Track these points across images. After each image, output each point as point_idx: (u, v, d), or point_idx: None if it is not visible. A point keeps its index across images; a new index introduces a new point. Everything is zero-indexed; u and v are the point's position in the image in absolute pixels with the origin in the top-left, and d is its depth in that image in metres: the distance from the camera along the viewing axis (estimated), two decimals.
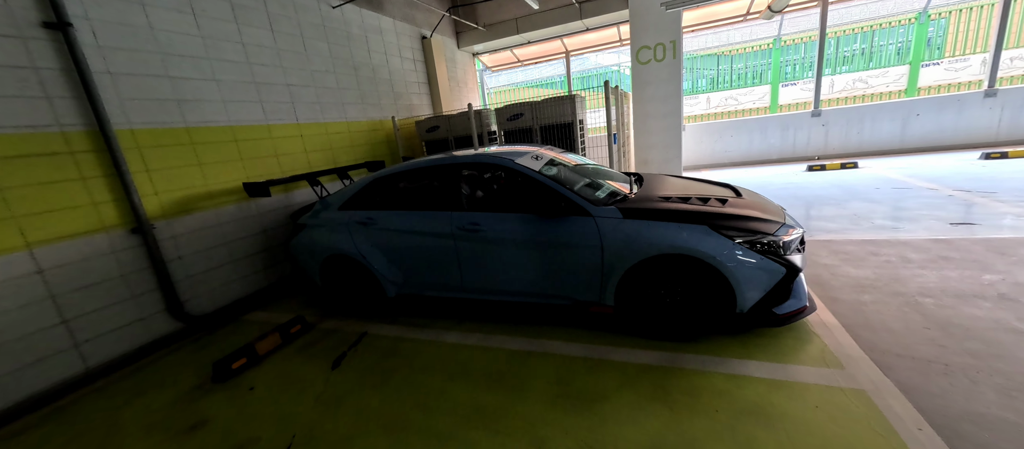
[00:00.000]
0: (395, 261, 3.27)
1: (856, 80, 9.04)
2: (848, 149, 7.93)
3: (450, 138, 6.41)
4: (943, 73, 8.40)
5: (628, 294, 2.58)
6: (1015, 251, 3.10)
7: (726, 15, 8.32)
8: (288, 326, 3.29)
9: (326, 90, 5.20)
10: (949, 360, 2.06)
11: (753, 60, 9.98)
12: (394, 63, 6.61)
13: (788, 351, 2.29)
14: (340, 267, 3.46)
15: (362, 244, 3.30)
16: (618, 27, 8.43)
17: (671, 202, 2.67)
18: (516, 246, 2.81)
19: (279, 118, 4.54)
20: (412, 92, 7.13)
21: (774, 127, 8.29)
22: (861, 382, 1.97)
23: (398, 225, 3.20)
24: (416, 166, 3.32)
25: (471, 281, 3.05)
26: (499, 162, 2.99)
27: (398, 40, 6.73)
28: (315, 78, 5.03)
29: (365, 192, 3.41)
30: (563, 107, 5.65)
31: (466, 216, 2.96)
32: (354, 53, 5.72)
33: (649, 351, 2.46)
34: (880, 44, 9.21)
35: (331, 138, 5.26)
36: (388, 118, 6.40)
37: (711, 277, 2.35)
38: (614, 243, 2.52)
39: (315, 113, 5.02)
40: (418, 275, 3.24)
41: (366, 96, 5.94)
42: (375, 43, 6.16)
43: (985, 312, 2.40)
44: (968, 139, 7.21)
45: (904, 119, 7.49)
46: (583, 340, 2.68)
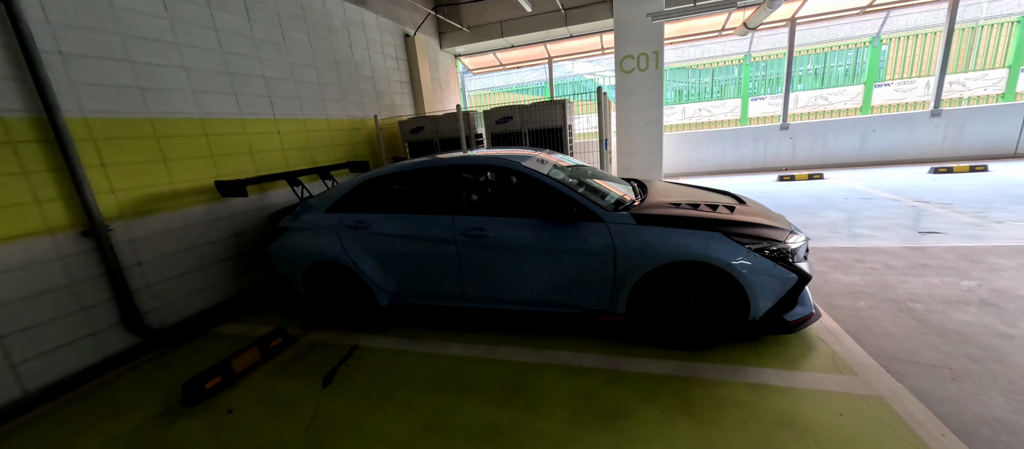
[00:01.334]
0: (389, 268, 3.05)
1: (817, 97, 9.64)
2: (813, 161, 8.40)
3: (436, 140, 6.21)
4: (893, 94, 9.10)
5: (640, 302, 2.52)
6: (983, 259, 3.32)
7: (703, 30, 8.64)
8: (268, 339, 2.99)
9: (305, 85, 4.88)
10: (952, 365, 2.13)
11: (721, 74, 10.44)
12: (376, 60, 6.34)
13: (800, 358, 2.30)
14: (327, 274, 3.20)
15: (352, 250, 3.07)
16: (601, 36, 8.55)
17: (682, 208, 2.64)
18: (524, 253, 2.69)
19: (255, 112, 4.19)
20: (394, 91, 6.87)
21: (747, 139, 8.66)
22: (878, 389, 1.99)
23: (394, 230, 3.00)
24: (413, 167, 3.13)
25: (473, 289, 2.90)
26: (506, 164, 2.87)
27: (381, 37, 6.47)
28: (294, 71, 4.71)
29: (356, 194, 3.18)
30: (553, 112, 5.61)
31: (470, 220, 2.81)
32: (335, 47, 5.42)
33: (664, 361, 2.41)
34: (831, 66, 9.89)
35: (310, 136, 4.93)
36: (370, 117, 6.11)
37: (725, 284, 2.33)
38: (627, 250, 2.45)
39: (293, 108, 4.69)
40: (415, 283, 3.04)
41: (347, 93, 5.64)
42: (357, 38, 5.88)
43: (973, 317, 2.52)
44: (917, 154, 7.83)
45: (862, 135, 8.04)
46: (594, 350, 2.59)
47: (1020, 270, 3.06)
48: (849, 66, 9.83)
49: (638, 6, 7.09)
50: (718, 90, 10.49)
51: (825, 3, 7.56)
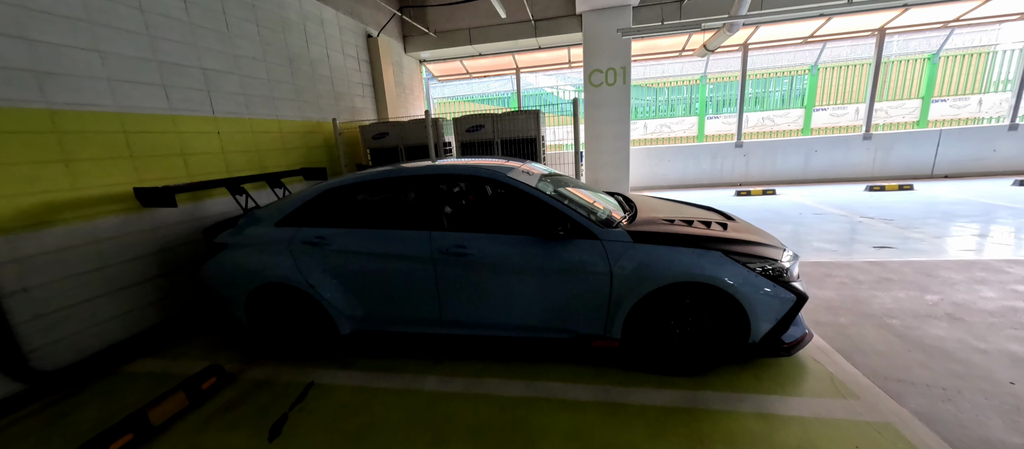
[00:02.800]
0: (353, 291, 2.66)
1: (765, 118, 10.33)
2: (764, 177, 8.92)
3: (401, 147, 5.82)
4: (829, 117, 9.96)
5: (637, 326, 2.34)
6: (936, 273, 3.52)
7: (665, 49, 8.96)
8: (198, 380, 2.47)
9: (254, 81, 4.34)
10: (943, 384, 2.13)
11: (676, 94, 10.94)
12: (336, 59, 5.86)
13: (799, 382, 2.22)
14: (276, 299, 2.73)
15: (309, 270, 2.64)
16: (569, 49, 8.60)
17: (677, 225, 2.52)
18: (510, 273, 2.43)
19: (190, 109, 3.61)
20: (355, 94, 6.39)
21: (705, 155, 9.04)
22: (884, 414, 1.93)
23: (360, 247, 2.61)
24: (382, 176, 2.78)
25: (452, 314, 2.58)
26: (491, 175, 2.60)
27: (341, 35, 6.01)
28: (240, 65, 4.17)
29: (314, 205, 2.76)
30: (527, 122, 5.45)
31: (450, 237, 2.50)
32: (290, 41, 4.91)
33: (664, 390, 2.23)
34: (770, 91, 10.71)
35: (258, 138, 4.38)
36: (328, 120, 5.60)
37: (725, 306, 2.22)
38: (624, 270, 2.27)
39: (238, 107, 4.14)
40: (384, 307, 2.67)
41: (302, 93, 5.12)
42: (315, 34, 5.39)
43: (945, 332, 2.60)
44: (853, 173, 8.54)
45: (807, 154, 8.65)
46: (588, 380, 2.36)
47: (971, 284, 3.25)
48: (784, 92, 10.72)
49: (607, 22, 7.18)
50: (672, 108, 10.97)
51: (773, 32, 8.11)
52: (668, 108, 11.02)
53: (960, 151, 8.07)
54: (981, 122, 9.09)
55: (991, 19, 7.80)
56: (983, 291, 3.11)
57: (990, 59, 9.31)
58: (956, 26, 8.09)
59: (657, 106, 11.12)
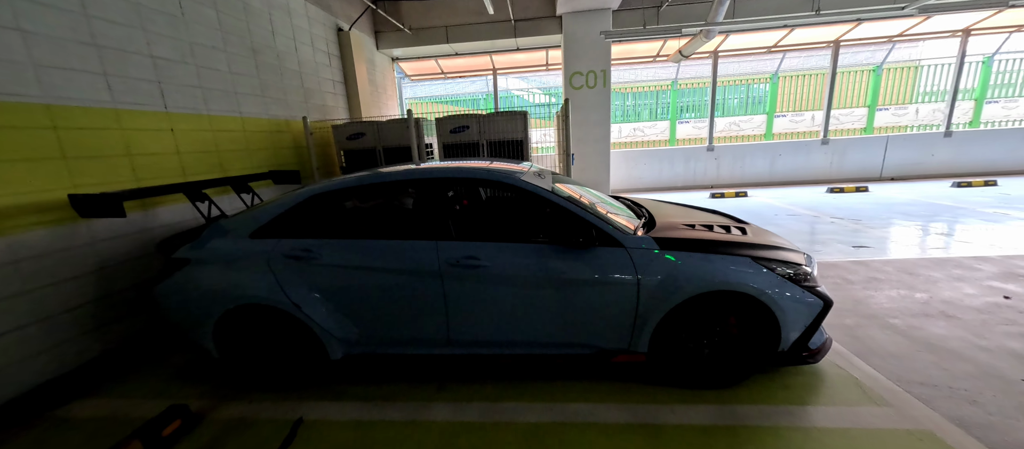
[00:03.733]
0: (347, 310, 2.34)
1: (731, 123, 10.77)
2: (734, 180, 9.27)
3: (379, 148, 5.44)
4: (789, 124, 10.54)
5: (665, 338, 2.20)
6: (916, 271, 3.69)
7: (641, 54, 9.11)
8: (158, 424, 2.05)
9: (213, 73, 3.85)
10: (962, 385, 2.15)
11: (645, 99, 11.23)
12: (305, 53, 5.39)
13: (827, 389, 2.17)
14: (254, 322, 2.36)
15: (293, 287, 2.29)
16: (547, 51, 8.52)
17: (700, 231, 2.42)
18: (528, 286, 2.22)
19: (137, 102, 3.11)
20: (326, 91, 5.93)
21: (679, 158, 9.26)
22: (921, 422, 1.90)
23: (354, 260, 2.30)
24: (379, 179, 2.48)
25: (462, 332, 2.32)
26: (505, 179, 2.38)
27: (310, 27, 5.55)
28: (197, 54, 3.67)
29: (297, 213, 2.41)
30: (514, 123, 5.25)
31: (459, 247, 2.25)
32: (253, 31, 4.43)
33: (697, 406, 2.10)
34: (729, 98, 11.23)
35: (219, 137, 3.88)
36: (297, 118, 5.13)
37: (756, 314, 2.13)
38: (652, 279, 2.13)
39: (195, 101, 3.64)
40: (383, 328, 2.36)
41: (268, 88, 4.64)
42: (281, 24, 4.92)
43: (946, 330, 2.67)
44: (813, 176, 9.06)
45: (772, 158, 9.08)
46: (616, 398, 2.19)
47: (951, 280, 3.42)
48: (742, 98, 11.30)
49: (587, 24, 7.16)
50: (644, 113, 11.22)
51: (742, 40, 8.45)
52: (638, 113, 11.26)
53: (904, 156, 8.78)
54: (919, 129, 9.95)
55: (928, 35, 8.55)
56: (964, 288, 3.27)
57: (920, 73, 10.25)
58: (898, 40, 8.81)
59: (627, 111, 11.33)
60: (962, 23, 7.97)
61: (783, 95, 10.60)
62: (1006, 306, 2.93)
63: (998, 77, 9.64)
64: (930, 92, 10.04)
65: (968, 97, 9.66)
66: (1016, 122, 9.43)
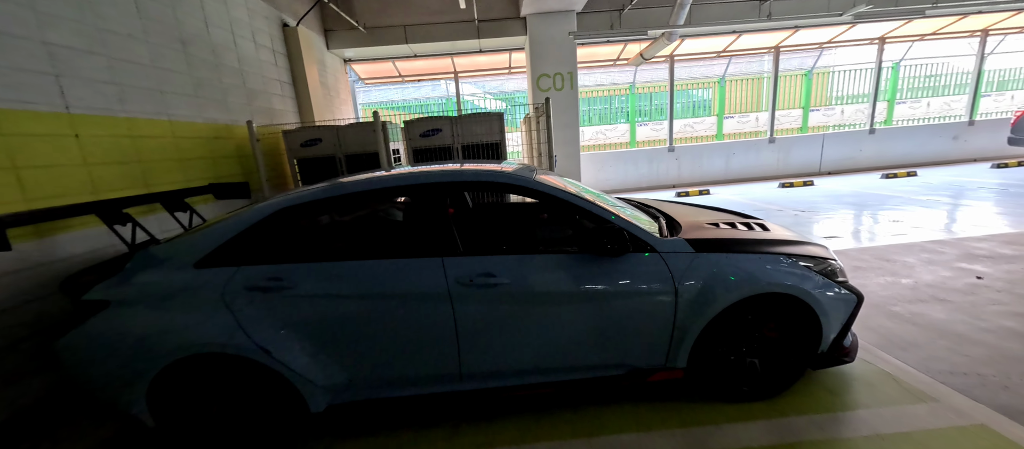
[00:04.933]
0: (332, 351, 1.88)
1: (686, 125, 11.25)
2: (694, 179, 9.61)
3: (339, 156, 4.87)
4: (737, 125, 11.21)
5: (705, 350, 1.99)
6: (890, 257, 3.86)
7: (602, 58, 9.21)
8: None
9: (131, 67, 3.16)
10: (985, 370, 2.15)
11: (604, 103, 11.46)
12: (246, 49, 4.71)
13: (867, 388, 2.07)
14: (207, 378, 1.82)
15: (260, 328, 1.79)
16: (510, 54, 8.32)
17: (725, 230, 2.25)
18: (552, 302, 1.91)
19: (23, 100, 2.41)
20: (273, 93, 5.25)
21: (643, 160, 9.44)
22: (970, 415, 1.84)
23: (340, 287, 1.85)
24: (364, 187, 2.05)
25: (477, 363, 1.96)
26: (518, 181, 2.06)
27: (250, 19, 4.87)
28: (108, 43, 2.98)
29: (259, 232, 1.92)
30: (490, 125, 4.94)
31: (471, 263, 1.89)
32: (182, 18, 3.75)
33: (748, 423, 1.90)
34: (679, 101, 11.81)
35: (140, 145, 3.18)
36: (240, 123, 4.44)
37: (799, 316, 1.99)
38: (692, 286, 1.91)
39: (107, 101, 2.94)
40: (379, 367, 1.93)
41: (203, 87, 3.95)
42: (217, 14, 4.24)
43: (945, 314, 2.74)
44: (763, 173, 9.64)
45: (727, 157, 9.54)
46: (658, 423, 1.94)
47: (925, 264, 3.60)
48: (685, 102, 11.96)
49: (552, 26, 7.05)
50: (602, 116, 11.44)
51: (695, 45, 8.81)
52: (600, 116, 11.44)
53: (838, 152, 9.61)
54: (846, 128, 10.99)
55: (851, 42, 9.47)
56: (939, 271, 3.44)
57: (840, 77, 11.39)
58: (827, 47, 9.67)
59: (585, 115, 11.46)
60: (879, 32, 8.90)
61: (730, 98, 11.26)
62: (983, 286, 3.09)
63: (904, 81, 10.94)
64: (850, 96, 11.15)
65: (882, 98, 10.84)
66: (923, 120, 10.73)
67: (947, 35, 9.31)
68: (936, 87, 10.94)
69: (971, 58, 9.76)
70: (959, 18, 8.10)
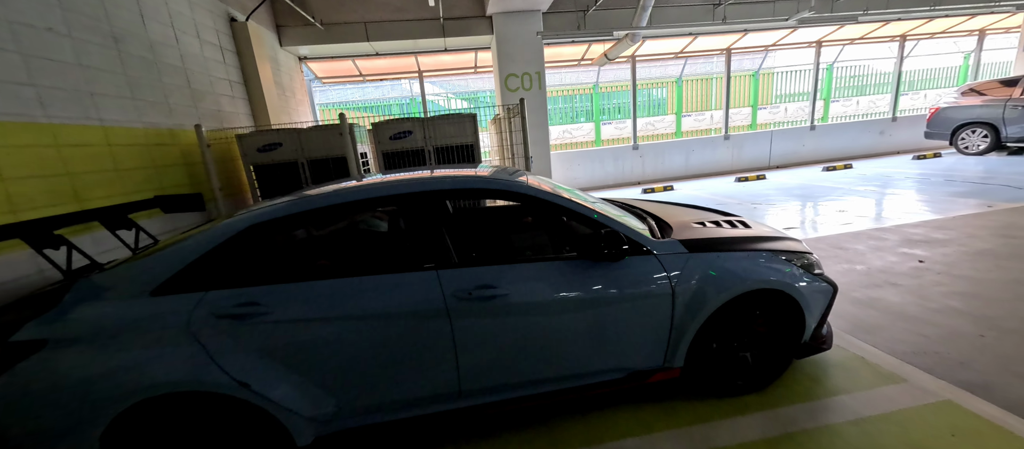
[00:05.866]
0: (319, 378, 1.72)
1: (647, 123, 11.64)
2: (657, 175, 9.97)
3: (301, 161, 4.55)
4: (693, 122, 11.76)
5: (701, 348, 2.03)
6: (842, 245, 4.18)
7: (566, 58, 9.30)
8: None
9: (52, 65, 2.75)
10: (941, 349, 2.35)
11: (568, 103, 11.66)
12: (189, 46, 4.28)
13: (845, 373, 2.20)
14: (175, 421, 1.61)
15: (235, 359, 1.61)
16: (476, 53, 8.19)
17: (711, 229, 2.31)
18: (552, 311, 1.87)
19: None
20: (221, 93, 4.81)
21: (609, 158, 9.66)
22: (936, 392, 1.99)
23: (325, 309, 1.70)
24: (348, 198, 1.90)
25: (477, 379, 1.87)
26: (509, 187, 1.99)
27: (192, 13, 4.43)
28: (21, 38, 2.58)
29: (227, 251, 1.72)
30: (463, 126, 4.82)
31: (468, 275, 1.80)
32: (111, 12, 3.33)
33: (745, 416, 1.96)
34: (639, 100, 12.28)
35: (68, 155, 2.78)
36: (186, 127, 4.02)
37: (784, 309, 2.08)
38: (687, 286, 1.94)
39: (24, 106, 2.54)
40: (371, 392, 1.80)
41: (140, 88, 3.54)
42: (152, 7, 3.82)
43: (898, 297, 2.98)
44: (719, 168, 10.18)
45: (687, 154, 9.98)
46: (661, 424, 1.95)
47: (873, 251, 3.92)
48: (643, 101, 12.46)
49: (519, 25, 7.02)
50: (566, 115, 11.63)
51: (655, 46, 9.12)
52: (562, 115, 11.60)
53: (784, 147, 10.33)
54: (791, 125, 11.85)
55: (792, 45, 10.20)
56: (887, 257, 3.75)
57: (780, 78, 12.29)
58: (772, 49, 10.37)
59: (552, 114, 11.59)
60: (816, 36, 9.66)
61: (688, 97, 11.78)
62: (925, 269, 3.40)
63: (837, 82, 11.96)
64: (791, 94, 12.04)
65: (819, 97, 11.80)
66: (854, 117, 11.79)
67: (872, 40, 10.28)
68: (863, 87, 12.06)
69: (892, 61, 10.84)
70: (883, 24, 8.96)
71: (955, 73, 12.23)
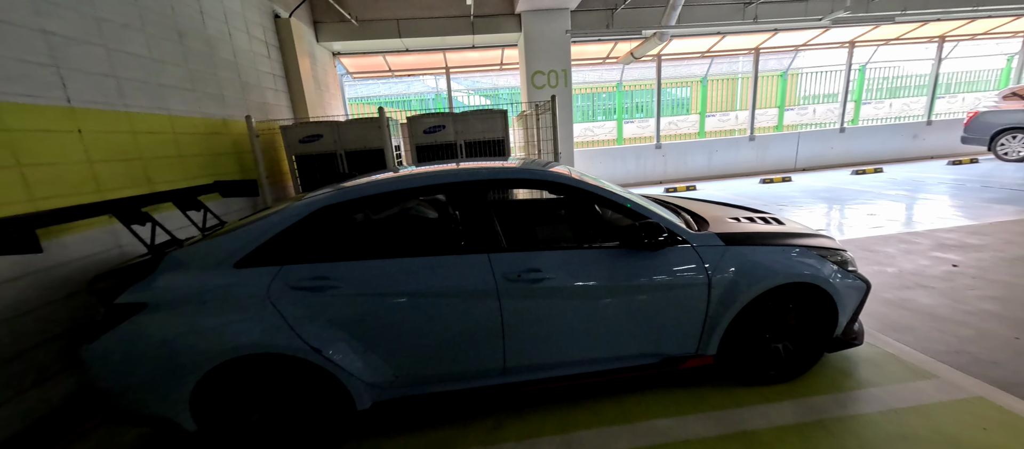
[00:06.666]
0: (379, 348, 1.89)
1: (670, 123, 11.57)
2: (679, 175, 9.93)
3: (339, 152, 4.77)
4: (717, 123, 11.63)
5: (736, 337, 2.12)
6: (872, 247, 4.16)
7: (591, 56, 9.33)
8: None
9: (129, 59, 3.00)
10: (973, 349, 2.38)
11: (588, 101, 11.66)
12: (240, 41, 4.54)
13: (876, 369, 2.26)
14: (253, 380, 1.80)
15: (309, 327, 1.79)
16: (503, 50, 8.31)
17: (747, 224, 2.39)
18: (596, 296, 1.99)
19: (27, 93, 2.26)
20: (266, 86, 5.07)
21: (631, 156, 9.67)
22: (968, 389, 2.04)
23: (388, 285, 1.86)
24: (406, 185, 2.06)
25: (521, 357, 2.01)
26: (554, 178, 2.12)
27: (243, 10, 4.69)
28: (106, 33, 2.82)
29: (299, 231, 1.90)
30: (493, 122, 4.95)
31: (516, 259, 1.94)
32: (177, 8, 3.58)
33: (777, 404, 2.04)
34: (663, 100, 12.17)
35: (141, 141, 3.03)
36: (237, 117, 4.28)
37: (818, 304, 2.14)
38: (723, 277, 2.03)
39: (108, 95, 2.79)
40: (425, 364, 1.96)
41: (200, 81, 3.79)
42: (211, 4, 4.07)
43: (932, 299, 2.99)
44: (743, 169, 10.06)
45: (710, 154, 9.90)
46: (693, 408, 2.05)
47: (904, 254, 3.90)
48: (672, 100, 12.32)
49: (547, 23, 7.11)
50: (588, 113, 11.63)
51: (682, 45, 9.07)
52: (583, 113, 11.62)
53: (811, 149, 10.14)
54: (819, 127, 11.60)
55: (824, 45, 9.98)
56: (918, 260, 3.73)
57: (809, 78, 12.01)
58: (802, 49, 10.16)
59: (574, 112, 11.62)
60: (849, 36, 9.43)
61: (712, 97, 11.65)
62: (959, 273, 3.38)
63: (870, 83, 11.64)
64: (821, 96, 11.77)
65: (850, 99, 11.50)
66: (886, 120, 11.46)
67: (908, 40, 9.97)
68: (897, 89, 11.70)
69: (929, 62, 10.49)
70: (920, 25, 8.69)
71: (996, 76, 11.74)
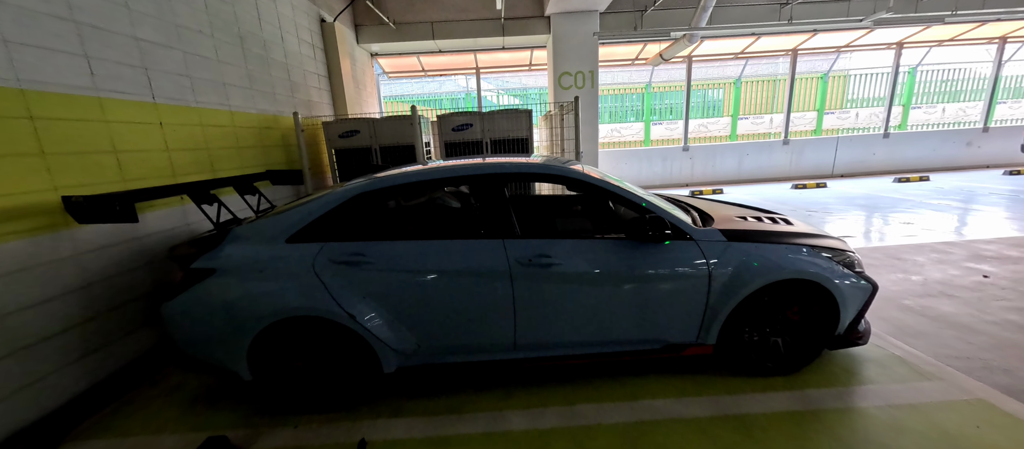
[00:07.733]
0: (406, 318, 2.14)
1: (700, 125, 11.38)
2: (706, 178, 9.78)
3: (375, 147, 5.13)
4: (750, 126, 11.32)
5: (735, 329, 2.23)
6: (901, 256, 4.06)
7: (620, 57, 9.36)
8: None
9: (200, 60, 3.42)
10: (992, 357, 2.37)
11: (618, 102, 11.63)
12: (290, 43, 4.97)
13: (879, 368, 2.30)
14: (299, 339, 2.10)
15: (346, 296, 2.07)
16: (532, 51, 8.50)
17: (753, 223, 2.48)
18: (599, 283, 2.16)
19: (121, 90, 2.68)
20: (311, 85, 5.51)
21: (657, 158, 9.63)
22: (972, 392, 2.06)
23: (414, 263, 2.12)
24: (432, 176, 2.31)
25: (530, 335, 2.21)
26: (564, 173, 2.31)
27: (294, 15, 5.12)
28: (183, 38, 3.25)
29: (341, 214, 2.18)
30: (519, 121, 5.17)
31: (529, 245, 2.15)
32: (240, 15, 4.00)
33: (773, 393, 2.14)
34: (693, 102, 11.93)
35: (208, 133, 3.45)
36: (285, 113, 4.71)
37: (820, 301, 2.22)
38: (723, 271, 2.15)
39: (183, 92, 3.21)
40: (445, 336, 2.19)
41: (256, 80, 4.22)
42: (267, 10, 4.50)
43: (953, 308, 2.95)
44: (775, 174, 9.79)
45: (740, 158, 9.70)
46: (692, 391, 2.19)
47: (934, 264, 3.79)
48: (703, 102, 12.06)
49: (575, 25, 7.24)
50: (617, 114, 11.61)
51: (714, 46, 8.94)
52: (618, 115, 11.62)
53: (851, 155, 9.72)
54: (861, 131, 11.07)
55: (868, 46, 9.54)
56: (948, 270, 3.63)
57: (855, 80, 11.46)
58: (844, 51, 9.75)
59: (602, 112, 11.63)
60: (897, 37, 8.97)
61: (746, 99, 11.37)
62: (989, 284, 3.29)
63: (920, 86, 10.98)
64: (865, 99, 11.22)
65: (897, 103, 10.91)
66: (937, 125, 10.78)
67: (965, 41, 9.36)
68: (952, 92, 10.97)
69: (988, 64, 9.80)
70: (978, 25, 8.16)
71: None
